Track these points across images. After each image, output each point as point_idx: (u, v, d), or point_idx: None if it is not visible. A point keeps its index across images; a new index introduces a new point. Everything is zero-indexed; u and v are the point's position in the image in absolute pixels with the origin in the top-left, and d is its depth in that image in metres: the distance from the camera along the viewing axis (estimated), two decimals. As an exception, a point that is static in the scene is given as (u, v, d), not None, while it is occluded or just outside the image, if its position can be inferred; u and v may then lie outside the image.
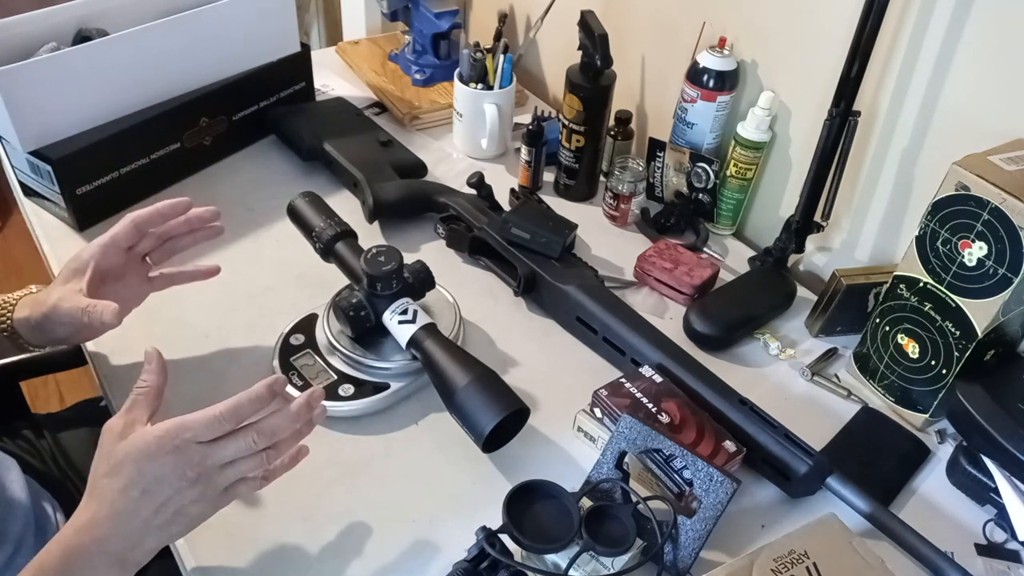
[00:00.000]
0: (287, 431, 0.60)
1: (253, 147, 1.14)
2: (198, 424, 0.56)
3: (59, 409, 1.04)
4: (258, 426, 0.59)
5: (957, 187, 0.70)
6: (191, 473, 0.56)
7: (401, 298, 0.78)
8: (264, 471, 0.61)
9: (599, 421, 0.76)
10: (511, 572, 0.60)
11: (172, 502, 0.56)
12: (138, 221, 0.75)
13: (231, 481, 0.59)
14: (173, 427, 0.56)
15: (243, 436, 0.58)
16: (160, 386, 0.61)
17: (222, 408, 0.57)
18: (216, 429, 0.57)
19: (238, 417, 0.58)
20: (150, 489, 0.55)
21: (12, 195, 1.06)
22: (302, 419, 0.61)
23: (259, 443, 0.58)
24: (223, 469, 0.58)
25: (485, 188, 0.99)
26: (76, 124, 0.94)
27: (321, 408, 0.63)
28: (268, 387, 0.59)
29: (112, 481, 0.56)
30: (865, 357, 0.85)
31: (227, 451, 0.57)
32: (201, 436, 0.56)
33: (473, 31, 1.47)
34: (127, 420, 0.58)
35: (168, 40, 0.98)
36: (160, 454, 0.55)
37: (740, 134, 0.97)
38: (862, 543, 0.61)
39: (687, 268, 0.94)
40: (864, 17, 0.78)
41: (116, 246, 0.74)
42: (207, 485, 0.57)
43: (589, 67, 1.00)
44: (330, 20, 2.09)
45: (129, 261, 0.76)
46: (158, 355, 0.62)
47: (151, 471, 0.55)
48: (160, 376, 0.62)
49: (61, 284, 0.71)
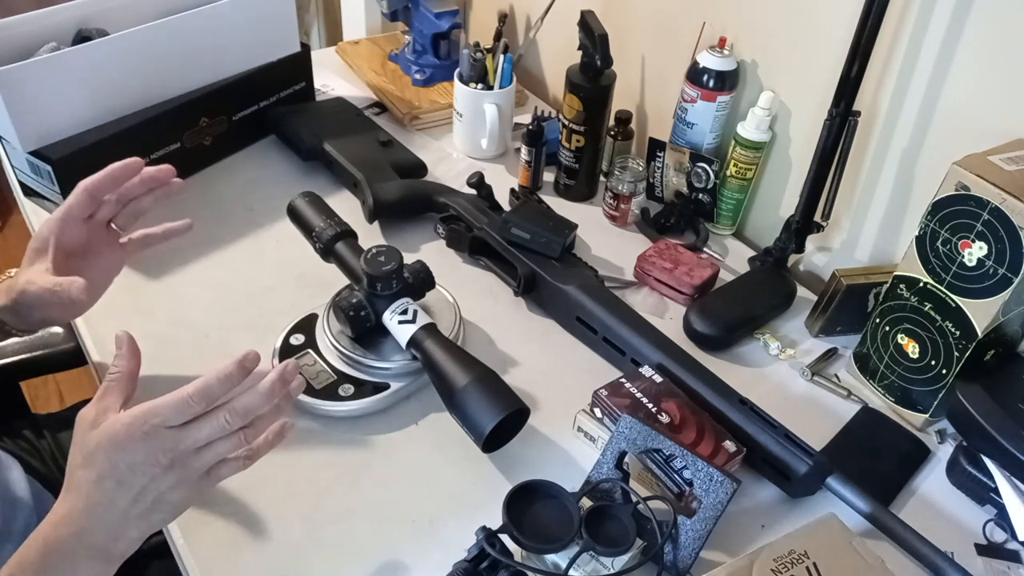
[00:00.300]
0: (263, 408, 0.57)
1: (253, 147, 1.14)
2: (167, 408, 0.54)
3: (59, 409, 1.04)
4: (230, 406, 0.56)
5: (957, 187, 0.70)
6: (164, 459, 0.54)
7: (401, 298, 0.78)
8: (246, 451, 0.59)
9: (599, 421, 0.76)
10: (511, 572, 0.60)
11: (149, 490, 0.54)
12: (90, 188, 0.71)
13: (210, 464, 0.57)
14: (141, 413, 0.54)
15: (215, 417, 0.56)
16: (133, 371, 0.59)
17: (190, 389, 0.55)
18: (186, 412, 0.55)
19: (208, 398, 0.55)
20: (124, 479, 0.54)
21: (12, 195, 1.06)
22: (277, 395, 0.58)
23: (233, 423, 0.56)
24: (199, 452, 0.56)
25: (485, 188, 0.99)
26: (76, 124, 0.94)
27: (299, 381, 0.60)
28: (238, 364, 0.56)
29: (86, 472, 0.54)
30: (865, 357, 0.85)
31: (200, 433, 0.55)
32: (171, 420, 0.54)
33: (473, 31, 1.47)
34: (99, 408, 0.56)
35: (168, 40, 0.98)
36: (130, 442, 0.54)
37: (740, 134, 0.97)
38: (862, 543, 0.61)
39: (687, 268, 0.94)
40: (864, 17, 0.78)
41: (73, 218, 0.70)
42: (183, 469, 0.55)
43: (589, 67, 1.00)
44: (330, 20, 2.09)
45: (93, 231, 0.73)
46: (128, 338, 0.60)
47: (123, 460, 0.54)
48: (132, 361, 0.60)
49: (27, 266, 0.69)
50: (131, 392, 0.59)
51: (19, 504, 0.74)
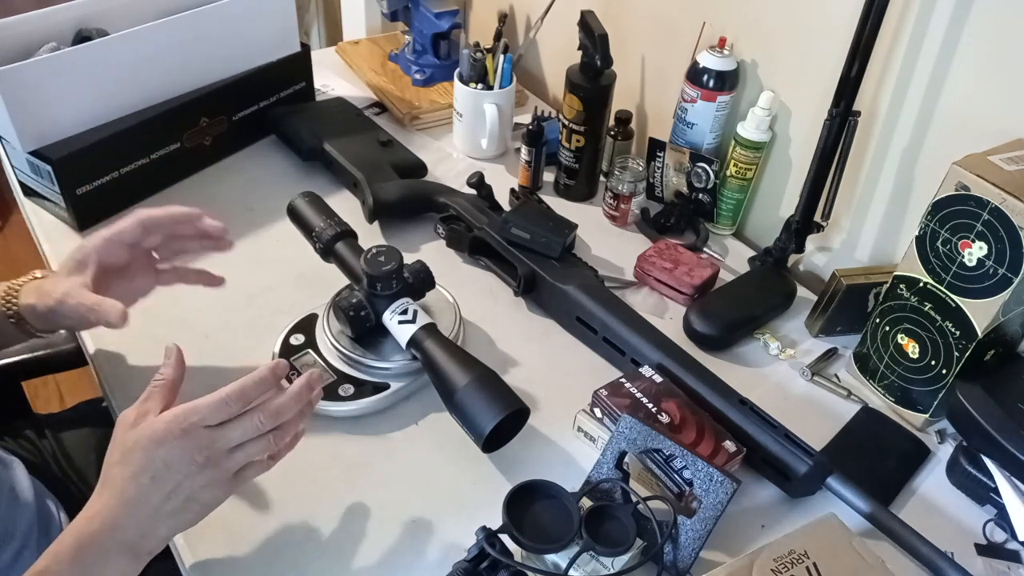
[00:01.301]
0: (291, 412, 0.61)
1: (253, 147, 1.14)
2: (206, 407, 0.57)
3: (59, 409, 1.04)
4: (263, 407, 0.59)
5: (957, 187, 0.70)
6: (199, 457, 0.56)
7: (401, 298, 0.78)
8: (270, 452, 0.61)
9: (599, 421, 0.76)
10: (511, 572, 0.60)
11: (182, 488, 0.56)
12: (146, 221, 0.74)
13: (240, 464, 0.59)
14: (181, 412, 0.57)
15: (249, 418, 0.58)
16: (176, 380, 0.62)
17: (228, 391, 0.58)
18: (223, 412, 0.58)
19: (244, 399, 0.58)
20: (159, 475, 0.56)
21: (12, 195, 1.06)
22: (303, 400, 0.62)
23: (265, 424, 0.59)
24: (231, 453, 0.58)
25: (485, 188, 0.99)
26: (76, 124, 0.94)
27: (319, 390, 0.64)
28: (271, 370, 0.60)
29: (123, 469, 0.56)
30: (865, 357, 0.85)
31: (235, 433, 0.58)
32: (209, 420, 0.57)
33: (473, 31, 1.47)
34: (140, 411, 0.59)
35: (168, 40, 0.98)
36: (168, 439, 0.56)
37: (740, 134, 0.97)
38: (862, 543, 0.61)
39: (687, 268, 0.94)
40: (864, 17, 0.78)
41: (120, 242, 0.73)
42: (216, 469, 0.58)
43: (589, 67, 1.00)
44: (330, 20, 2.09)
45: (133, 255, 0.76)
46: (178, 351, 0.63)
47: (160, 456, 0.56)
48: (178, 371, 0.62)
49: (65, 276, 0.71)
50: (171, 400, 0.61)
51: (22, 504, 0.74)
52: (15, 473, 0.76)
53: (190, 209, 0.77)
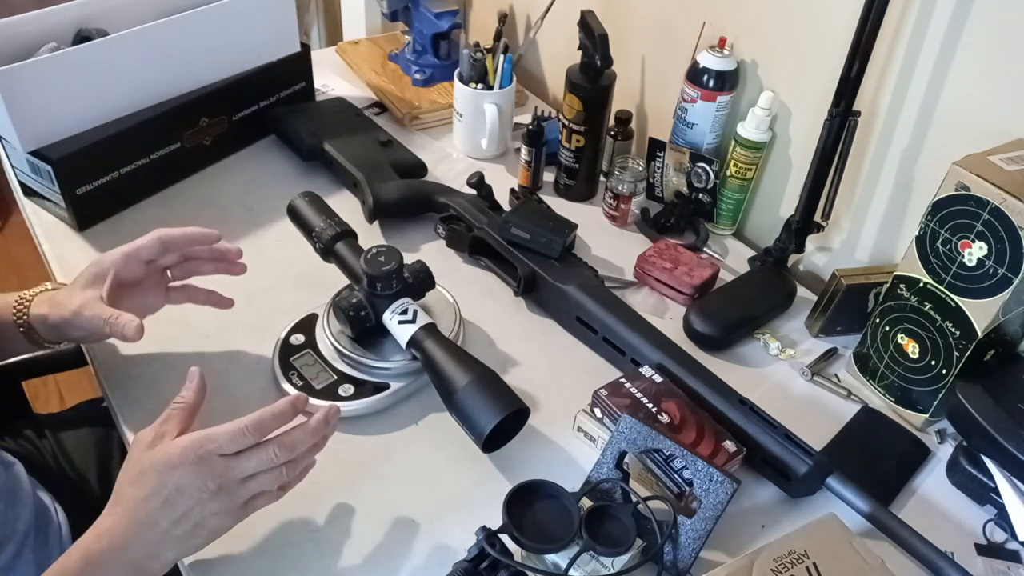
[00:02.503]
0: (306, 446, 0.61)
1: (253, 147, 1.14)
2: (223, 436, 0.58)
3: (59, 409, 1.04)
4: (279, 440, 0.60)
5: (957, 187, 0.70)
6: (212, 485, 0.57)
7: (401, 298, 0.78)
8: (280, 483, 0.62)
9: (599, 421, 0.76)
10: (511, 572, 0.60)
11: (192, 513, 0.57)
12: (165, 240, 0.75)
13: (251, 494, 0.60)
14: (198, 438, 0.57)
15: (265, 450, 0.59)
16: (196, 404, 0.62)
17: (246, 422, 0.58)
18: (240, 442, 0.58)
19: (261, 431, 0.59)
20: (171, 499, 0.56)
21: (12, 195, 1.07)
22: (319, 434, 0.62)
23: (280, 457, 0.60)
24: (244, 482, 0.59)
25: (485, 188, 0.99)
26: (76, 124, 0.94)
27: (335, 424, 0.64)
28: (291, 403, 0.61)
29: (135, 490, 0.57)
30: (865, 357, 0.85)
31: (249, 464, 0.58)
32: (225, 448, 0.58)
33: (473, 31, 1.47)
34: (157, 432, 0.59)
35: (168, 40, 0.98)
36: (183, 464, 0.56)
37: (740, 134, 0.97)
38: (862, 543, 0.61)
39: (687, 268, 0.94)
40: (864, 17, 0.78)
41: (138, 258, 0.74)
42: (228, 498, 0.58)
43: (589, 67, 1.00)
44: (330, 20, 2.09)
45: (148, 272, 0.77)
46: (200, 375, 0.64)
47: (173, 481, 0.56)
48: (198, 395, 0.63)
49: (80, 289, 0.72)
50: (189, 424, 0.61)
51: (22, 504, 0.74)
52: (14, 473, 0.76)
53: (208, 230, 0.78)
